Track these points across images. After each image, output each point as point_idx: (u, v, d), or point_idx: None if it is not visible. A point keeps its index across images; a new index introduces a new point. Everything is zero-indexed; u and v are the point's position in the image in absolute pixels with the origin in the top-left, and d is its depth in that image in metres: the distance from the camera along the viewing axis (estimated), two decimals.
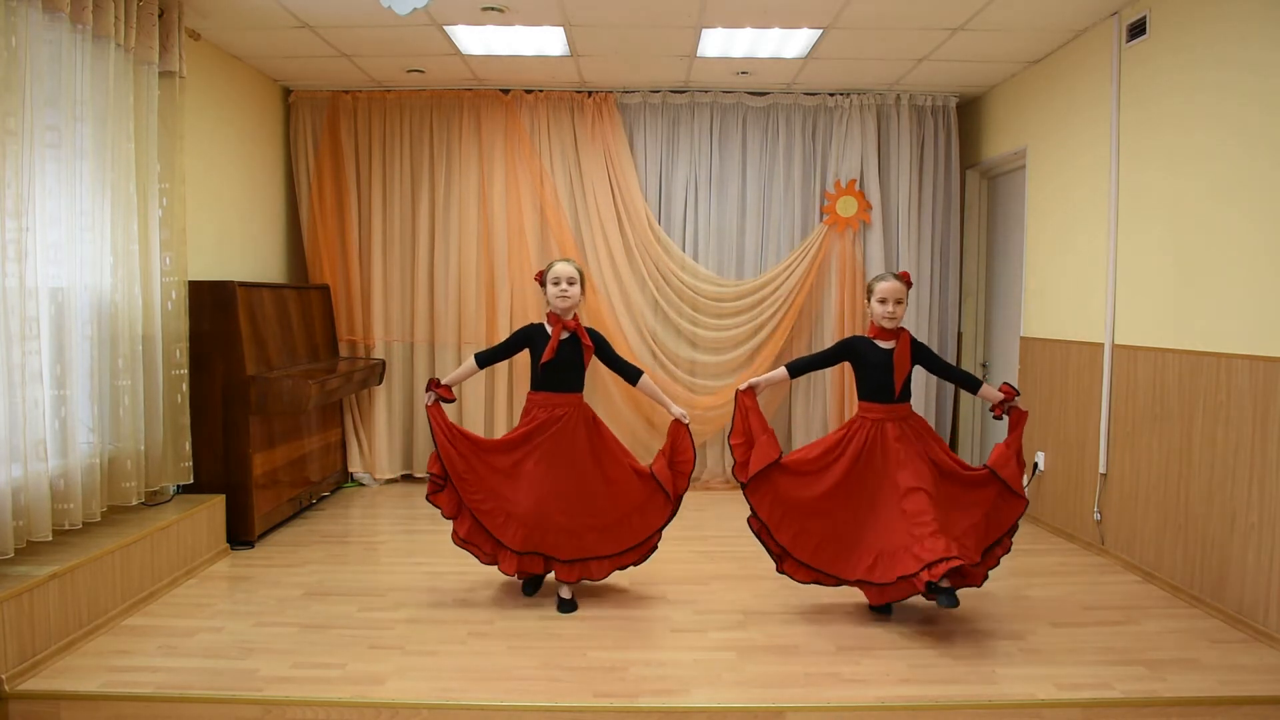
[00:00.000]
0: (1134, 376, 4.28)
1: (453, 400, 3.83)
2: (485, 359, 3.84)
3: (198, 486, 4.50)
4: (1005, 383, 3.73)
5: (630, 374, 3.88)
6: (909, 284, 3.62)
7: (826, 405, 6.06)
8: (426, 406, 3.78)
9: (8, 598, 3.01)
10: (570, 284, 3.70)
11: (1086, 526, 4.69)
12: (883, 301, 3.56)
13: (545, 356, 3.69)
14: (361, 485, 6.16)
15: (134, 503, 3.97)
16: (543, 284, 3.76)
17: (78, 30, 3.57)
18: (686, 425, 3.79)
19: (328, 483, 5.78)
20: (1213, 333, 3.74)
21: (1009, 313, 5.81)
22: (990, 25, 4.60)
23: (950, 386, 6.17)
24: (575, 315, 3.79)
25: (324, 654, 3.28)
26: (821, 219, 6.02)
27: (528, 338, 3.79)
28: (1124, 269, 4.38)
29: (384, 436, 6.15)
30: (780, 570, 3.68)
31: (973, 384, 3.76)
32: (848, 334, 5.93)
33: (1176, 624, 3.62)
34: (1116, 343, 4.44)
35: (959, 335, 6.20)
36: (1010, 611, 3.74)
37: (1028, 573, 4.26)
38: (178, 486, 4.43)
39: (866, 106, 5.97)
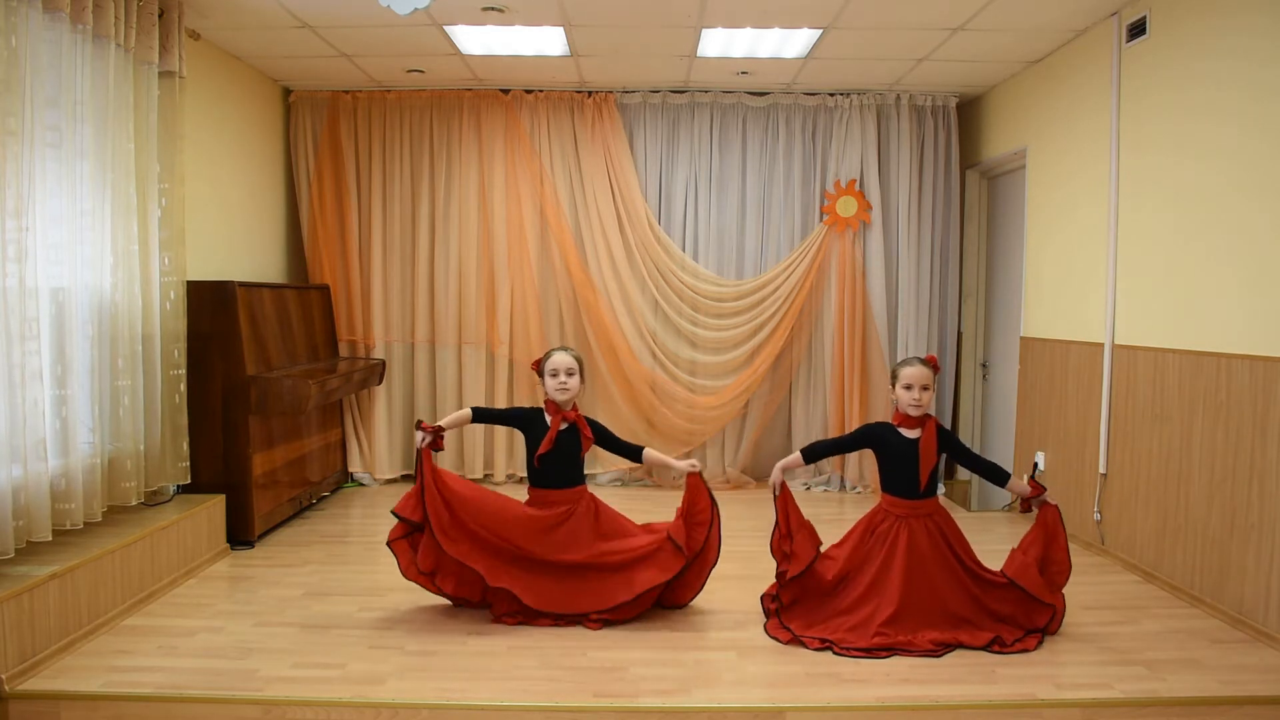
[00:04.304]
0: (1134, 376, 4.28)
1: (442, 449, 3.60)
2: (481, 415, 3.75)
3: (198, 486, 4.50)
4: (1032, 479, 3.47)
5: (633, 453, 3.77)
6: (937, 369, 3.48)
7: (826, 405, 6.06)
8: (419, 448, 3.54)
9: (8, 598, 3.01)
10: (569, 375, 3.59)
11: (1086, 526, 4.69)
12: (908, 388, 3.42)
13: (542, 448, 3.56)
14: (361, 485, 6.16)
15: (134, 503, 3.97)
16: (540, 373, 3.66)
17: (78, 30, 3.57)
18: (699, 474, 3.67)
19: (328, 483, 5.78)
20: (1213, 333, 3.74)
21: (1009, 313, 5.81)
22: (990, 25, 4.60)
23: (949, 386, 6.17)
24: (575, 405, 3.68)
25: (324, 654, 3.29)
26: (821, 219, 6.02)
27: (526, 421, 3.67)
28: (1124, 269, 4.38)
29: (384, 436, 6.15)
30: (767, 630, 3.51)
31: (1001, 477, 3.55)
32: (847, 334, 5.94)
33: (1176, 624, 3.62)
34: (1116, 343, 4.44)
35: (959, 335, 6.20)
36: None
37: None
38: (177, 486, 4.42)
39: (866, 106, 5.97)
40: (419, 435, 3.57)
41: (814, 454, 3.66)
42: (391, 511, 3.59)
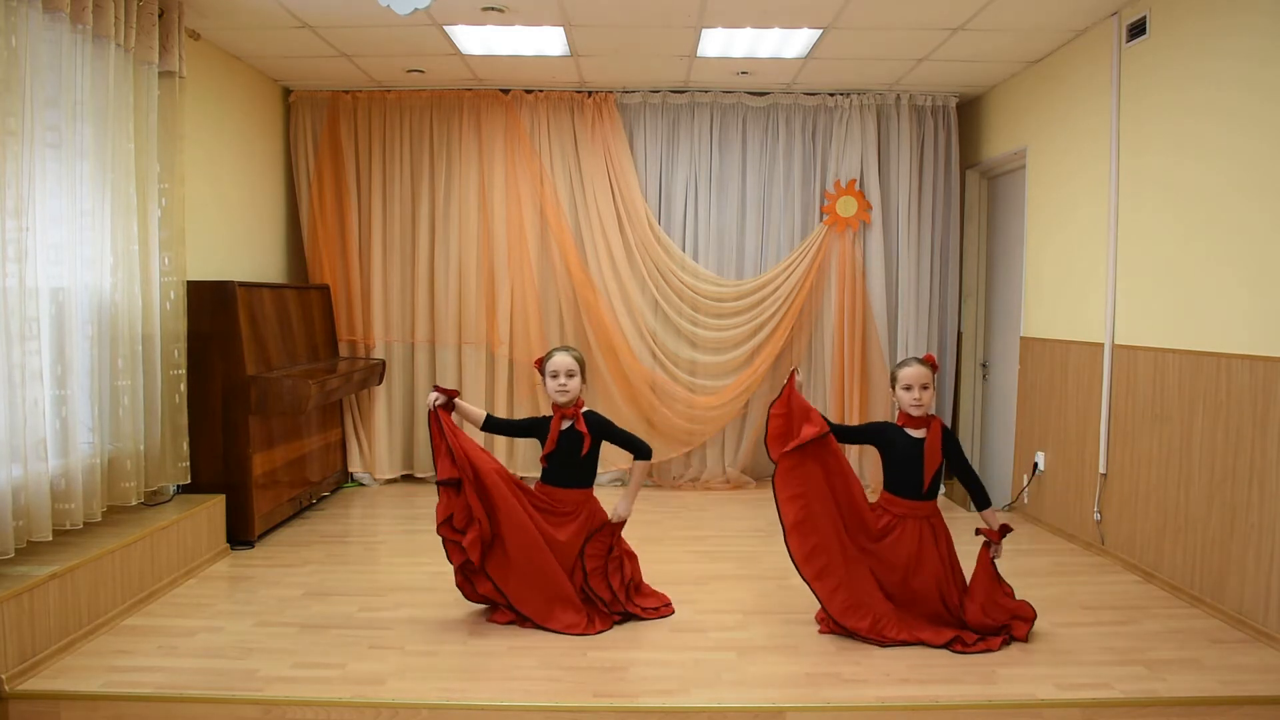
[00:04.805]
0: (1134, 376, 4.28)
1: (453, 409, 3.60)
2: (493, 424, 3.73)
3: (198, 486, 4.50)
4: (1005, 524, 3.45)
5: (634, 450, 3.69)
6: (935, 367, 3.48)
7: (826, 405, 6.06)
8: (433, 409, 3.53)
9: (8, 598, 3.01)
10: (569, 377, 3.57)
11: (1086, 526, 4.69)
12: (908, 388, 3.42)
13: (547, 448, 3.58)
14: (361, 485, 6.16)
15: (134, 503, 3.97)
16: (542, 371, 3.65)
17: (78, 30, 3.57)
18: (618, 525, 3.65)
19: (328, 483, 5.78)
20: (1213, 333, 3.74)
21: (1009, 313, 5.81)
22: (990, 25, 4.60)
23: (949, 386, 6.17)
24: (579, 401, 3.66)
25: (324, 654, 3.29)
26: (821, 219, 6.02)
27: (535, 429, 3.67)
28: (1124, 269, 4.38)
29: (384, 436, 6.15)
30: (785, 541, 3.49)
31: (982, 501, 3.51)
32: (847, 333, 5.94)
33: (1176, 624, 3.62)
34: (1116, 343, 4.44)
35: (959, 335, 6.20)
36: None
37: (1028, 573, 4.24)
38: (177, 486, 4.42)
39: (866, 106, 5.97)
40: (433, 395, 3.55)
41: (832, 428, 3.57)
42: (437, 482, 3.51)
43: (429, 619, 3.64)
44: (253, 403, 4.57)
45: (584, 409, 3.67)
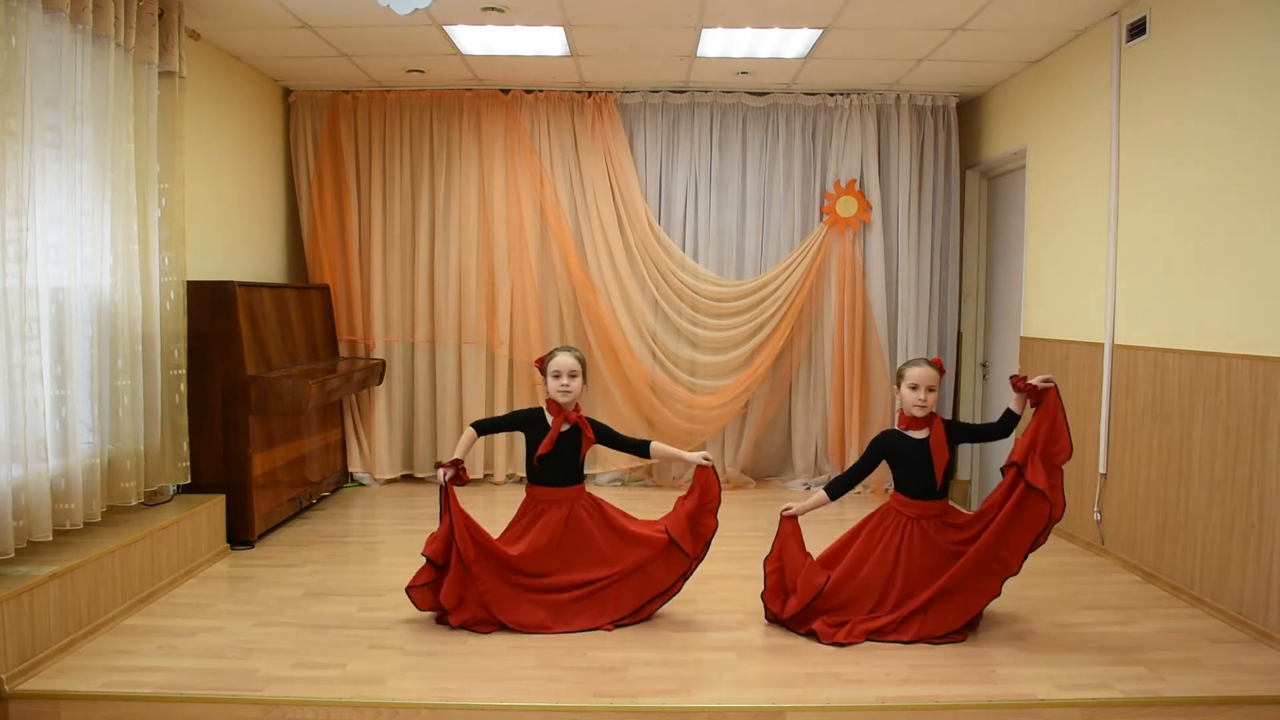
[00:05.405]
0: (1134, 376, 4.28)
1: (467, 482, 3.56)
2: (484, 427, 3.74)
3: (198, 486, 4.49)
4: (1016, 376, 3.50)
5: (640, 449, 3.72)
6: (942, 371, 3.50)
7: (826, 405, 6.07)
8: (443, 485, 3.50)
9: (8, 598, 3.01)
10: (571, 377, 3.56)
11: (1086, 526, 4.69)
12: (914, 388, 3.44)
13: (543, 449, 3.56)
14: (361, 485, 6.16)
15: (134, 503, 3.97)
16: (543, 371, 3.65)
17: (78, 30, 3.57)
18: (711, 466, 3.60)
19: (328, 483, 5.78)
20: (1213, 333, 3.74)
21: (1009, 313, 5.81)
22: (990, 25, 4.60)
23: (949, 386, 6.17)
24: (577, 405, 3.66)
25: (324, 654, 3.29)
26: (821, 219, 6.02)
27: (526, 423, 3.65)
28: (1124, 269, 4.38)
29: (384, 436, 6.15)
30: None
31: (1012, 418, 3.57)
32: (846, 334, 5.94)
33: (1176, 624, 3.62)
34: (1116, 343, 4.44)
35: (959, 335, 6.20)
36: (1010, 611, 3.74)
37: (1028, 572, 4.20)
38: (177, 486, 4.42)
39: (866, 106, 5.97)
40: (440, 473, 3.53)
41: (837, 489, 3.61)
42: (423, 554, 3.54)
43: (429, 619, 3.64)
44: (253, 403, 4.57)
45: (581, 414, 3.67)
